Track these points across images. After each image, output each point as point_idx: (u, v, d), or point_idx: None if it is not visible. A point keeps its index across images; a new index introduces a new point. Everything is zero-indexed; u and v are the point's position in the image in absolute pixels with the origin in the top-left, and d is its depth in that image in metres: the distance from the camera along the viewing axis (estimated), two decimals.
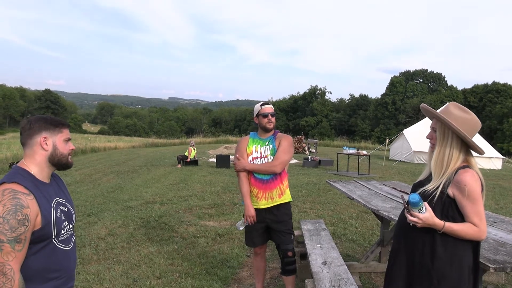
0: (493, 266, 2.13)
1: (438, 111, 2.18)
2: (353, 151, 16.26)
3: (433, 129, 2.20)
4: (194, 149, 17.14)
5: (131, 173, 14.62)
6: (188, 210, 7.96)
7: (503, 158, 22.18)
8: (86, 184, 12.46)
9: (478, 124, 2.12)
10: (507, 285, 4.39)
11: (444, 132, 2.13)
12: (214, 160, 17.25)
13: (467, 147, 2.12)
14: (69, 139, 1.94)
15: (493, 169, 19.28)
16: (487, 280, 4.34)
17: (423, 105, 2.29)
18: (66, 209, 1.93)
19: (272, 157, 3.55)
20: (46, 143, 1.84)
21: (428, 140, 2.26)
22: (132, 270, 4.70)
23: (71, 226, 1.96)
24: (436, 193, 2.07)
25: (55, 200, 1.86)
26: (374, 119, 66.83)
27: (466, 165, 2.09)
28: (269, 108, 3.60)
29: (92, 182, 12.87)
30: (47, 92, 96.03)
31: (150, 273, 4.60)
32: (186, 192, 10.12)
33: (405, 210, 2.09)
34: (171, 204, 8.53)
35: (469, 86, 67.98)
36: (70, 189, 10.91)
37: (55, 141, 1.87)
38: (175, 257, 5.18)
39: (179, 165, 16.24)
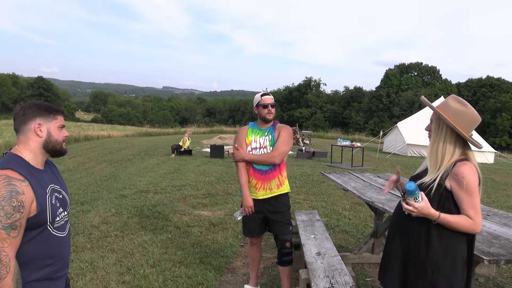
0: (487, 258, 2.15)
1: (439, 103, 2.17)
2: (347, 143, 16.31)
3: (431, 120, 2.20)
4: (189, 139, 17.10)
5: (124, 162, 14.57)
6: (182, 200, 7.95)
7: (495, 152, 22.39)
8: (79, 172, 12.40)
9: (476, 117, 2.10)
10: (498, 277, 4.44)
11: (438, 125, 2.13)
12: (208, 150, 17.23)
13: (463, 140, 2.12)
14: (63, 126, 1.92)
15: (486, 163, 19.43)
16: (478, 272, 4.39)
17: (423, 97, 2.28)
18: (61, 196, 1.91)
19: (271, 148, 3.53)
20: (40, 130, 1.82)
21: (426, 133, 2.26)
22: (126, 259, 4.70)
23: (66, 213, 1.94)
24: (434, 185, 2.07)
25: (50, 187, 1.84)
26: (368, 111, 67.00)
27: (465, 158, 2.09)
28: (269, 99, 3.57)
29: (85, 170, 12.82)
30: (40, 79, 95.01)
31: (144, 262, 4.60)
32: (180, 181, 10.10)
33: (401, 199, 2.09)
34: (165, 193, 8.52)
35: (463, 80, 68.39)
36: (63, 177, 10.88)
37: (50, 127, 1.85)
38: (169, 246, 5.18)
39: (173, 155, 16.20)
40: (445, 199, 2.07)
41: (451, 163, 2.07)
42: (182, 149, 16.55)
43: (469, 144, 2.15)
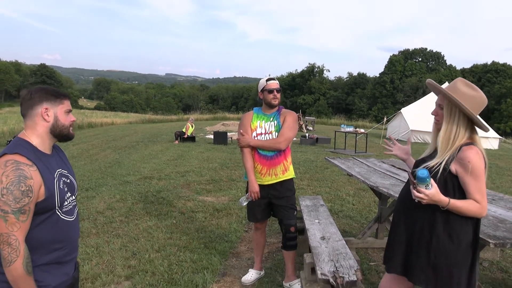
0: (493, 242, 2.15)
1: (445, 87, 2.14)
2: (351, 129, 16.26)
3: (439, 105, 2.17)
4: (192, 126, 17.09)
5: (128, 148, 14.60)
6: (186, 186, 7.97)
7: (500, 138, 22.29)
8: (83, 159, 12.44)
9: (485, 101, 2.10)
10: (502, 261, 4.45)
11: (451, 110, 2.10)
12: (212, 136, 17.23)
13: (472, 124, 2.11)
14: (70, 111, 1.91)
15: (490, 149, 19.39)
16: (482, 256, 4.39)
17: (429, 80, 2.25)
18: (68, 181, 1.91)
19: (276, 134, 3.52)
20: (47, 114, 1.81)
21: (430, 119, 2.23)
22: (131, 244, 4.73)
23: (73, 197, 1.95)
24: (439, 169, 2.06)
25: (58, 172, 1.84)
26: (372, 97, 66.63)
27: (470, 142, 2.07)
28: (275, 84, 3.54)
29: (90, 157, 12.86)
30: (43, 66, 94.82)
31: (149, 247, 4.63)
32: (183, 168, 10.13)
33: (411, 186, 2.06)
34: (169, 180, 8.55)
35: (468, 65, 67.69)
36: None
37: (56, 112, 1.84)
38: (173, 231, 5.21)
39: (177, 141, 16.22)
40: (450, 183, 2.06)
41: (456, 147, 2.06)
42: (186, 136, 16.56)
43: (475, 128, 2.13)
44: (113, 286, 3.68)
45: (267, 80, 3.55)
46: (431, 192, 1.99)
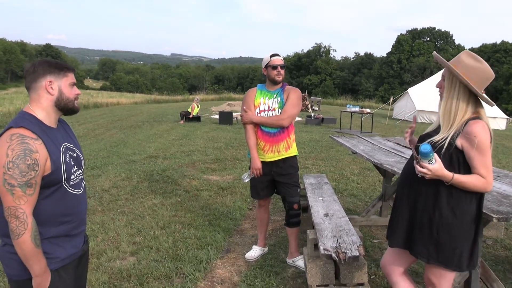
0: (497, 217, 2.14)
1: (451, 60, 2.10)
2: (357, 109, 16.16)
3: (442, 77, 2.13)
4: (198, 106, 17.06)
5: (133, 128, 14.63)
6: (191, 165, 8.00)
7: (507, 119, 22.08)
8: (89, 138, 12.49)
9: (489, 73, 2.04)
10: (505, 239, 4.45)
11: (451, 81, 2.07)
12: (217, 116, 17.20)
13: (475, 97, 2.06)
14: (74, 83, 1.89)
15: (497, 129, 19.24)
16: (486, 234, 4.39)
17: (435, 53, 2.21)
18: (74, 154, 1.91)
19: (280, 110, 3.49)
20: (51, 87, 1.79)
21: (437, 99, 2.19)
22: (136, 221, 4.78)
23: (80, 171, 1.95)
24: (444, 144, 2.03)
25: (64, 145, 1.84)
26: (379, 78, 66.06)
27: (477, 116, 2.04)
28: (279, 60, 3.50)
29: (95, 136, 12.91)
30: (48, 47, 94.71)
31: (153, 224, 4.67)
32: (189, 147, 10.15)
33: (414, 161, 2.04)
34: (174, 159, 8.57)
35: (477, 45, 66.71)
36: None
37: (61, 85, 1.82)
38: (178, 209, 5.25)
39: (182, 121, 16.22)
40: (456, 158, 2.03)
41: (463, 121, 2.02)
42: (191, 116, 16.55)
43: (481, 101, 2.09)
44: (118, 262, 3.72)
45: (271, 56, 3.51)
46: (434, 167, 1.96)
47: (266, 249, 4.00)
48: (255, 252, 3.88)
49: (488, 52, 60.20)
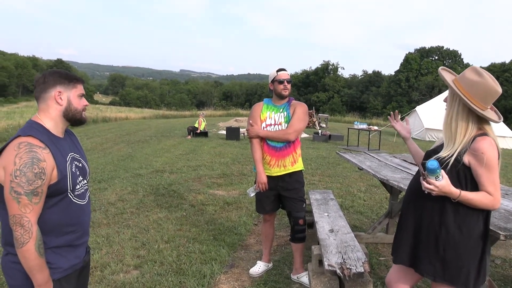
0: (504, 234, 2.11)
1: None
2: (364, 126, 16.13)
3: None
4: (204, 121, 17.13)
5: (141, 143, 14.70)
6: (197, 179, 8.00)
7: None
8: (97, 152, 12.56)
9: (492, 88, 1.99)
10: None
11: (452, 97, 2.06)
12: (224, 132, 17.25)
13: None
14: (83, 95, 1.91)
15: (507, 148, 19.04)
16: (495, 254, 4.32)
17: (440, 69, 2.21)
18: (80, 165, 1.92)
19: (286, 125, 3.49)
20: (60, 98, 1.81)
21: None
22: (141, 234, 4.77)
23: (85, 181, 1.96)
24: (451, 160, 2.01)
25: (70, 155, 1.85)
26: (387, 96, 66.02)
27: (483, 132, 2.01)
28: (285, 75, 3.51)
29: (103, 150, 12.98)
30: (59, 62, 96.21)
31: (158, 237, 4.66)
32: (195, 162, 10.16)
33: (421, 178, 2.02)
34: (180, 173, 8.58)
35: (486, 64, 66.57)
36: None
37: (70, 96, 1.84)
38: (183, 223, 5.23)
39: (189, 136, 16.28)
40: (463, 175, 2.01)
41: (470, 138, 2.00)
42: (199, 131, 16.62)
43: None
44: (122, 275, 3.70)
45: (277, 71, 3.53)
46: (442, 183, 1.94)
47: (270, 265, 3.96)
48: (259, 267, 3.84)
49: (497, 72, 60.02)
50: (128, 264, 3.93)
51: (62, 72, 1.85)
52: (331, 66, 77.20)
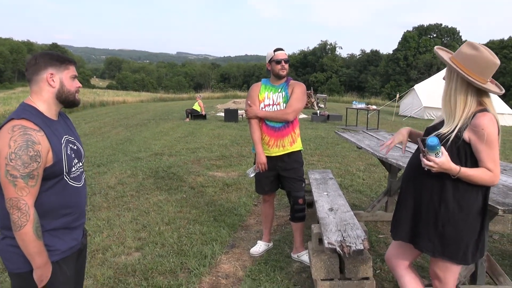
0: (502, 208, 2.12)
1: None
2: (363, 105, 16.10)
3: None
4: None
5: (139, 126, 14.68)
6: (196, 162, 8.01)
7: None
8: (95, 136, 12.55)
9: (489, 60, 1.97)
10: None
11: (450, 73, 2.05)
12: (222, 114, 17.21)
13: (477, 88, 2.02)
14: (75, 76, 1.89)
15: (505, 125, 19.06)
16: (493, 229, 4.36)
17: (436, 47, 2.19)
18: (75, 147, 1.91)
19: (284, 105, 3.47)
20: (52, 80, 1.79)
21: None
22: (141, 217, 4.79)
23: (80, 164, 1.95)
24: (451, 136, 2.00)
25: (65, 138, 1.84)
26: (385, 75, 65.70)
27: (484, 108, 2.00)
28: (283, 54, 3.48)
29: (101, 134, 12.96)
30: (54, 46, 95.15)
31: (159, 220, 4.68)
32: (194, 144, 10.16)
33: (421, 154, 2.02)
34: (179, 156, 8.59)
35: (484, 41, 66.06)
36: None
37: (62, 77, 1.81)
38: (183, 205, 5.25)
39: (188, 119, 16.25)
40: (463, 151, 2.01)
41: (471, 114, 1.99)
42: (203, 113, 16.62)
43: (486, 92, 2.05)
44: (124, 257, 3.73)
45: (274, 51, 3.49)
46: (441, 160, 1.94)
47: (271, 244, 3.99)
48: (260, 247, 3.88)
49: (496, 48, 59.60)
50: (129, 246, 3.96)
51: (53, 54, 1.82)
52: (329, 46, 76.63)
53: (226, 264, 3.64)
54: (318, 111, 18.10)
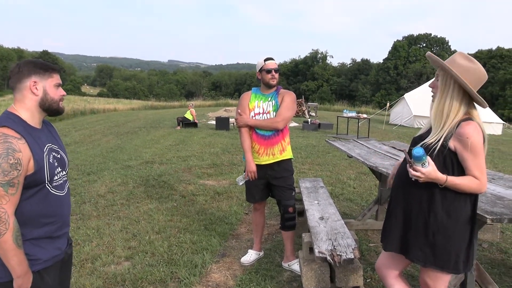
0: (490, 217, 2.13)
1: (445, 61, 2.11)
2: (353, 114, 16.21)
3: (436, 76, 2.14)
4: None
5: (130, 134, 14.61)
6: (187, 170, 7.98)
7: (503, 124, 22.18)
8: (85, 144, 12.45)
9: (483, 75, 2.04)
10: (501, 242, 4.45)
11: (446, 81, 2.07)
12: (214, 122, 17.21)
13: (469, 98, 2.06)
14: (60, 84, 1.88)
15: (493, 134, 19.30)
16: (482, 238, 4.39)
17: (428, 53, 2.22)
18: (59, 156, 1.90)
19: (274, 113, 3.50)
20: (36, 88, 1.78)
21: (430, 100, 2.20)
22: (132, 226, 4.75)
23: (64, 172, 1.93)
24: (437, 146, 2.03)
25: (47, 146, 1.82)
26: (375, 84, 66.25)
27: (469, 117, 2.04)
28: (273, 64, 3.51)
29: (92, 142, 12.87)
30: (45, 53, 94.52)
31: (149, 228, 4.65)
32: (185, 152, 10.13)
33: (407, 165, 2.04)
34: (170, 164, 8.56)
35: (473, 51, 66.99)
36: (70, 149, 10.94)
37: (45, 86, 1.81)
38: (174, 213, 5.23)
39: (179, 127, 16.21)
40: (449, 160, 2.03)
41: (455, 123, 2.02)
42: (196, 121, 16.62)
43: (474, 103, 2.09)
44: (113, 266, 3.70)
45: (265, 60, 3.51)
46: (428, 170, 1.96)
47: (261, 253, 3.98)
48: (250, 256, 3.86)
49: (484, 58, 60.50)
50: (119, 255, 3.92)
51: (37, 62, 1.81)
52: (320, 55, 77.18)
53: (217, 274, 3.62)
54: (309, 120, 18.17)
